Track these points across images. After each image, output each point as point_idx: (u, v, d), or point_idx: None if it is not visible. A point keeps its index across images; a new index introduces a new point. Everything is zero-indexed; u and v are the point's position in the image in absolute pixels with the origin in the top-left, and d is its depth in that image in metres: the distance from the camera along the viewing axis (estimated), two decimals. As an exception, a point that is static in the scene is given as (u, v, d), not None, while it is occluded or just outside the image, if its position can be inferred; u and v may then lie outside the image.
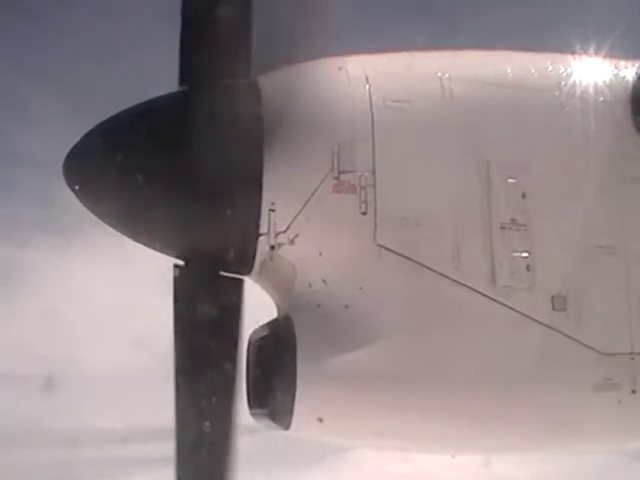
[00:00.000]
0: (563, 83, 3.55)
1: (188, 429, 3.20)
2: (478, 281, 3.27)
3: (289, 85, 3.21)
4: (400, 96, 3.38)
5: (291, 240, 3.22)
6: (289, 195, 3.21)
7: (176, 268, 3.32)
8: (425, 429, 3.37)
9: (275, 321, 3.39)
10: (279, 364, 3.17)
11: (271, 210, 3.19)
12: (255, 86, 3.27)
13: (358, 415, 3.22)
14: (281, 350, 3.18)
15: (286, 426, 3.16)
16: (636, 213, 3.49)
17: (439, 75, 3.44)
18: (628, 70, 3.67)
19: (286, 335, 3.18)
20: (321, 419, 3.14)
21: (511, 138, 3.46)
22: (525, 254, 3.33)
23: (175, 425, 3.23)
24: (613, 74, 3.65)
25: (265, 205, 3.18)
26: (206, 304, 3.19)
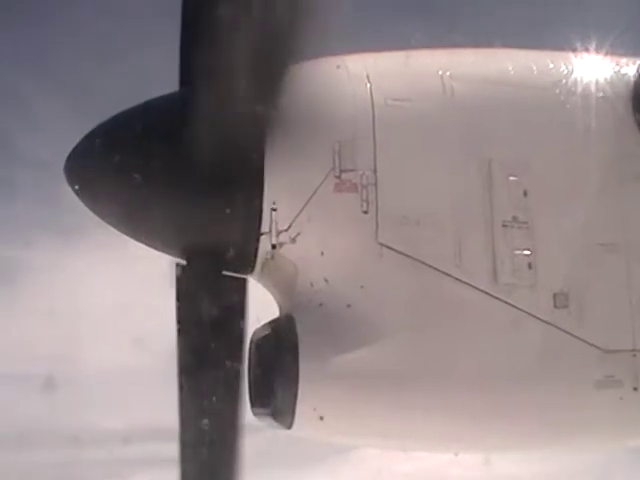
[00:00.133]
0: (564, 81, 3.55)
1: (194, 430, 3.20)
2: (480, 279, 3.28)
3: (290, 84, 3.21)
4: (401, 94, 3.38)
5: (293, 239, 3.22)
6: (290, 194, 3.21)
7: (178, 268, 3.32)
8: (427, 428, 3.37)
9: (277, 320, 3.39)
10: (281, 363, 3.17)
11: (272, 209, 3.19)
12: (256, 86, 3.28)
13: (360, 414, 3.23)
14: (283, 349, 3.18)
15: (288, 425, 3.16)
16: (637, 210, 3.50)
17: (440, 73, 3.44)
18: (629, 67, 3.67)
19: (288, 334, 3.18)
20: (323, 418, 3.13)
21: (512, 136, 3.46)
22: (527, 252, 3.33)
23: (180, 426, 3.23)
24: (614, 71, 3.65)
25: (267, 204, 3.18)
26: (210, 304, 3.19)
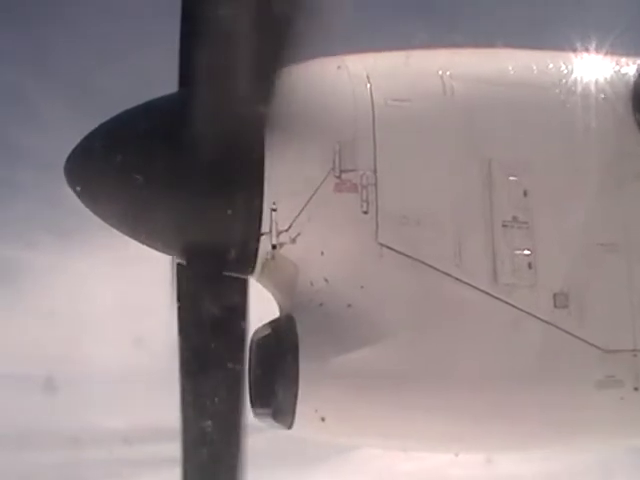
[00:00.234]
0: (564, 81, 3.55)
1: (195, 430, 3.20)
2: (480, 279, 3.27)
3: (290, 84, 3.21)
4: (401, 94, 3.37)
5: (293, 239, 3.22)
6: (291, 194, 3.21)
7: (178, 268, 3.32)
8: (428, 428, 3.37)
9: (277, 320, 3.39)
10: (281, 363, 3.17)
11: (273, 209, 3.18)
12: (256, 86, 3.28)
13: (360, 414, 3.22)
14: (283, 349, 3.18)
15: (288, 425, 3.16)
16: (638, 210, 3.49)
17: (440, 73, 3.44)
18: (629, 67, 3.67)
19: (288, 334, 3.18)
20: (323, 418, 3.13)
21: (512, 136, 3.45)
22: (527, 252, 3.33)
23: (181, 426, 3.23)
24: (614, 71, 3.64)
25: (267, 204, 3.18)
26: (211, 304, 3.19)
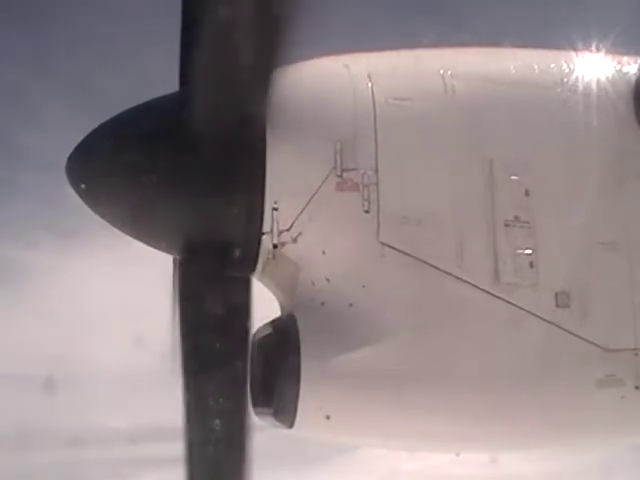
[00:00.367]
0: (566, 80, 3.55)
1: (199, 429, 3.20)
2: (481, 278, 3.27)
3: (291, 83, 3.21)
4: (402, 94, 3.37)
5: (294, 239, 3.22)
6: (292, 193, 3.20)
7: (179, 267, 3.32)
8: (429, 427, 3.36)
9: (279, 319, 3.39)
10: (283, 362, 3.16)
11: (274, 209, 3.18)
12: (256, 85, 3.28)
13: (361, 414, 3.22)
14: (285, 348, 3.18)
15: (290, 425, 3.15)
16: (639, 209, 3.49)
17: (441, 72, 3.43)
18: (631, 66, 3.66)
19: (290, 333, 3.18)
20: (324, 418, 3.13)
21: (514, 135, 3.45)
22: (528, 251, 3.33)
23: (185, 425, 3.22)
24: (616, 70, 3.64)
25: (268, 204, 3.17)
26: (213, 303, 3.19)
